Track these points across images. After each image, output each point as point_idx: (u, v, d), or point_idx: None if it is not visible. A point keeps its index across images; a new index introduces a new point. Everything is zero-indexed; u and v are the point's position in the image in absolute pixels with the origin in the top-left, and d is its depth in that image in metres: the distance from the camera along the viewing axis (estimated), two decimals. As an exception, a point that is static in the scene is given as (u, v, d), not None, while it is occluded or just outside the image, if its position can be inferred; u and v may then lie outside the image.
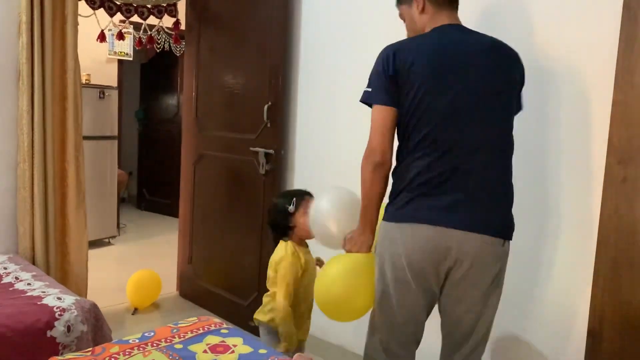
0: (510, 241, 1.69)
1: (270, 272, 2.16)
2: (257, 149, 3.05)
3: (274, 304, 2.09)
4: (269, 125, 3.00)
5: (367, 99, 1.74)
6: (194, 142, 3.58)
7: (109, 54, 5.55)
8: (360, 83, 2.69)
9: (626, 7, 1.75)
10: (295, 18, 2.99)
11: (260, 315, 2.16)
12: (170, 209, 5.89)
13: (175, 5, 3.77)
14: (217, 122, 3.41)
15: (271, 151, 3.00)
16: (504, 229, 1.66)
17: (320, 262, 2.29)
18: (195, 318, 1.82)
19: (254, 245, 3.15)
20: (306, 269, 2.13)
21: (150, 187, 6.60)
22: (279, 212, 2.15)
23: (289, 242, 2.12)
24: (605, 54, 1.82)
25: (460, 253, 1.58)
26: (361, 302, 1.78)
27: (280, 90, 2.97)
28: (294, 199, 2.12)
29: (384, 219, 1.72)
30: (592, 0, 1.88)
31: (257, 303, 3.13)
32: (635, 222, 1.73)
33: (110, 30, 4.25)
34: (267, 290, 2.19)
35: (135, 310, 3.42)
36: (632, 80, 1.72)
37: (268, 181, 3.05)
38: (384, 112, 1.69)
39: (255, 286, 3.16)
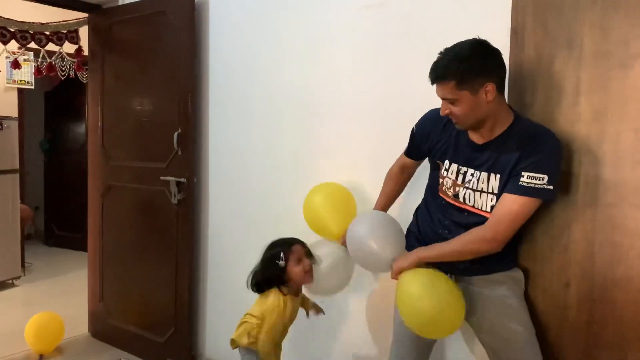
0: None
1: (255, 308, 2.04)
2: (168, 178, 2.95)
3: (249, 328, 2.00)
4: (179, 153, 2.92)
5: (546, 197, 1.59)
6: (101, 173, 3.41)
7: (7, 83, 5.21)
8: (271, 108, 2.72)
9: (514, 32, 1.86)
10: (203, 43, 2.94)
11: (239, 339, 2.01)
12: (81, 244, 5.52)
13: (76, 31, 3.61)
14: (125, 151, 3.27)
15: (183, 180, 2.91)
16: None
17: (317, 309, 2.26)
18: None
19: (169, 278, 3.03)
20: (289, 319, 2.08)
21: (59, 221, 6.22)
22: (272, 271, 2.02)
23: (279, 294, 2.02)
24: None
25: None
26: (454, 310, 1.68)
27: (190, 117, 2.90)
28: (281, 253, 2.02)
29: None
30: (482, 25, 1.98)
31: (175, 338, 3.02)
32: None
33: (7, 57, 4.01)
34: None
35: (41, 357, 3.17)
36: (522, 101, 1.82)
37: (181, 211, 2.95)
38: (534, 207, 1.61)
39: (172, 321, 3.03)
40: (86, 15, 3.45)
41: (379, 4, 2.25)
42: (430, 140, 1.82)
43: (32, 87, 5.48)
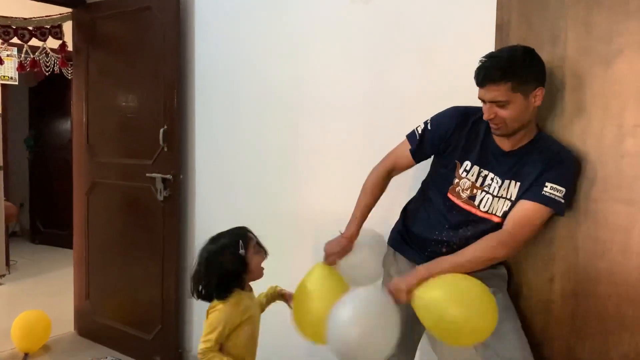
0: None
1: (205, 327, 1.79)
2: (154, 174, 2.93)
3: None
4: (165, 149, 2.90)
5: (560, 209, 1.64)
6: (86, 170, 3.38)
7: (-10, 79, 5.14)
8: (258, 104, 2.71)
9: (499, 28, 1.86)
10: (188, 38, 2.92)
11: None
12: (68, 241, 5.42)
13: (60, 26, 3.57)
14: (111, 147, 3.24)
15: (169, 176, 2.89)
16: None
17: (285, 295, 1.97)
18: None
19: (156, 275, 3.01)
20: (249, 317, 1.82)
21: (44, 218, 6.16)
22: (232, 260, 1.77)
23: (240, 293, 1.80)
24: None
25: None
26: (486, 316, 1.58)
27: (176, 113, 2.88)
28: (240, 240, 1.79)
29: None
30: (468, 21, 1.99)
31: (162, 336, 3.01)
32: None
33: (-11, 53, 3.95)
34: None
35: (26, 356, 3.14)
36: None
37: (167, 208, 2.94)
38: (547, 217, 1.65)
39: (159, 318, 3.02)
40: (70, 10, 3.40)
41: (366, 0, 2.25)
42: (451, 139, 1.77)
43: (16, 83, 5.40)
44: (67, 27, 3.53)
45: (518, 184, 1.67)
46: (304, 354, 2.47)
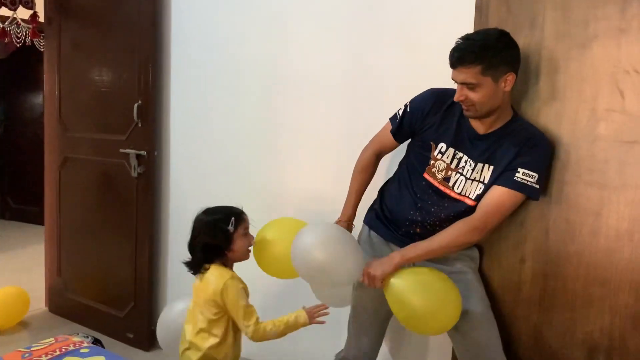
0: None
1: (207, 310, 1.77)
2: (127, 150, 2.88)
3: (214, 341, 1.76)
4: (139, 125, 2.84)
5: (533, 195, 1.67)
6: (58, 145, 3.31)
7: (-42, 49, 4.97)
8: (235, 80, 2.67)
9: (478, 10, 1.86)
10: (165, 11, 2.85)
11: None
12: (39, 217, 5.33)
13: (31, -5, 3.46)
14: (84, 122, 3.17)
15: (143, 152, 2.84)
16: None
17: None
18: (52, 339, 1.66)
19: (129, 252, 2.98)
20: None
21: (15, 194, 6.04)
22: (218, 233, 1.79)
23: (223, 267, 1.81)
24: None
25: None
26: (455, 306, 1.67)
27: (150, 88, 2.82)
28: (232, 217, 1.81)
29: None
30: (447, 2, 1.99)
31: (135, 313, 2.99)
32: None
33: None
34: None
35: (-6, 333, 3.10)
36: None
37: (141, 184, 2.90)
38: (520, 202, 1.68)
39: (132, 296, 2.99)
40: (41, -22, 3.30)
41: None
42: (427, 120, 1.79)
43: (-15, 54, 5.25)
44: (39, -3, 3.43)
45: (491, 167, 1.68)
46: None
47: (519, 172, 1.63)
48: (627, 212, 1.59)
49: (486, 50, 1.57)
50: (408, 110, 1.84)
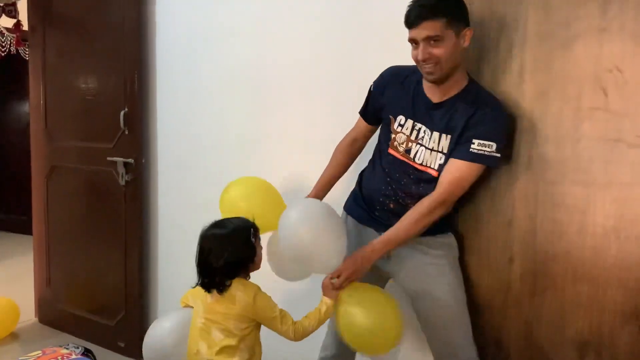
0: None
1: (235, 327, 1.64)
2: (115, 158, 2.86)
3: (245, 356, 1.66)
4: (126, 132, 2.83)
5: (492, 164, 1.67)
6: (45, 154, 3.28)
7: (-58, 59, 4.92)
8: (221, 86, 2.66)
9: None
10: (149, 18, 2.84)
11: None
12: (27, 227, 5.33)
13: (14, 4, 3.44)
14: (70, 131, 3.15)
15: (130, 160, 2.83)
16: None
17: None
18: (39, 351, 1.64)
19: (118, 260, 2.96)
20: None
21: (2, 203, 5.99)
22: (242, 246, 1.66)
23: (245, 280, 1.70)
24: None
25: None
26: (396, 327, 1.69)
27: (137, 96, 2.81)
28: (251, 228, 1.70)
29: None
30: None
31: (126, 322, 2.97)
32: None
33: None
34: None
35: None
36: (469, 80, 1.84)
37: (129, 192, 2.88)
38: (480, 172, 1.68)
39: (122, 304, 2.97)
40: (24, -13, 3.28)
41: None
42: (385, 95, 1.83)
43: (-31, 64, 5.19)
44: (22, 5, 3.40)
45: (449, 137, 1.68)
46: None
47: (474, 144, 1.63)
48: (612, 209, 1.60)
49: (448, 3, 1.60)
50: (371, 89, 1.89)
